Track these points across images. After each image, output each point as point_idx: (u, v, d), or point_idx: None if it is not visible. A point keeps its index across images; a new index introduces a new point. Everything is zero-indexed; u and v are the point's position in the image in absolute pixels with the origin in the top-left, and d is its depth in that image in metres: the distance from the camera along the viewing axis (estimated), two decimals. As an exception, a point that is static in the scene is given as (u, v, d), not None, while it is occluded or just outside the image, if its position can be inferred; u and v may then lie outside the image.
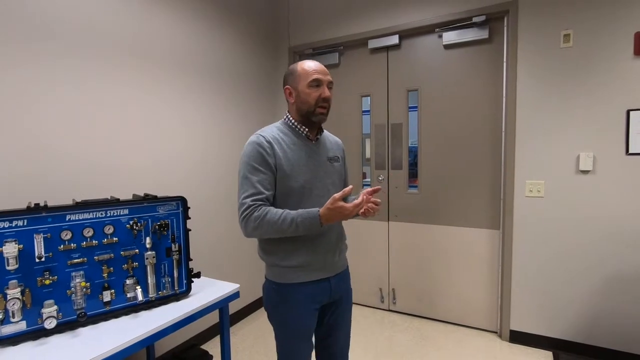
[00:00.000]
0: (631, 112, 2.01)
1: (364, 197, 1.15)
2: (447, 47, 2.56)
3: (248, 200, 1.15)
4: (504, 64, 2.35)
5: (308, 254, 1.23)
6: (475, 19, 2.37)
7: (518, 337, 2.38)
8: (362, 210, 1.19)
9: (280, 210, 1.14)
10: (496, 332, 2.53)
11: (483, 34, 2.40)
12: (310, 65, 1.24)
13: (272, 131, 1.26)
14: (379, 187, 1.25)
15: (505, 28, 2.34)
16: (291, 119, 1.29)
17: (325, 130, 1.39)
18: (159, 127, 2.13)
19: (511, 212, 2.34)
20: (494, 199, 2.48)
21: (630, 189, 2.05)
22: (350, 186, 1.14)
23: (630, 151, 2.03)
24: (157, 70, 2.10)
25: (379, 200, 1.24)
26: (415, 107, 2.73)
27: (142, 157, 2.03)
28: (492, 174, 2.48)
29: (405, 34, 2.68)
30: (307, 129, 1.28)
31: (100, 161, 1.82)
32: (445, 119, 2.62)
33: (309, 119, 1.26)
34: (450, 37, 2.51)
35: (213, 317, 2.39)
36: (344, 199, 1.12)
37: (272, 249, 1.25)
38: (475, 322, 2.62)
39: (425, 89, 2.67)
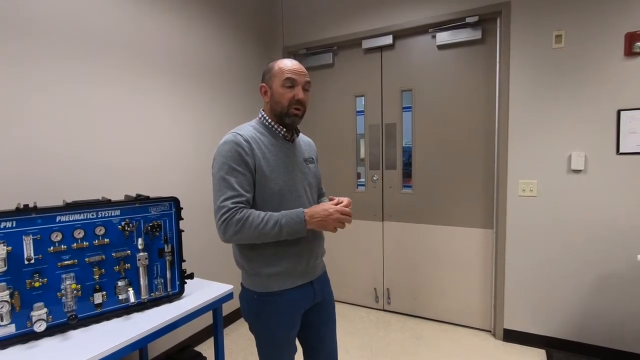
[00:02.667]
0: (622, 112, 2.04)
1: (346, 202, 1.17)
2: (441, 47, 2.57)
3: (228, 202, 1.08)
4: (497, 64, 2.37)
5: (292, 259, 1.19)
6: (468, 20, 2.38)
7: (511, 336, 2.40)
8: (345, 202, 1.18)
9: (262, 213, 1.09)
10: (490, 331, 2.54)
11: (476, 34, 2.42)
12: (286, 63, 1.18)
13: (249, 130, 1.19)
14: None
15: (497, 29, 2.36)
16: (267, 118, 1.24)
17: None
18: (152, 127, 2.11)
19: (504, 211, 2.36)
20: (488, 198, 2.50)
21: (620, 188, 2.07)
22: (348, 199, 1.18)
23: (620, 151, 2.06)
24: (149, 70, 2.08)
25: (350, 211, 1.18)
26: (409, 107, 2.74)
27: (134, 157, 2.01)
28: (486, 173, 2.50)
29: (399, 34, 2.68)
30: (284, 130, 1.23)
31: (91, 161, 1.80)
32: (439, 119, 2.63)
33: (283, 120, 1.21)
34: (443, 37, 2.52)
35: (207, 319, 2.37)
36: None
37: (254, 255, 1.18)
38: (469, 321, 2.63)
39: (419, 89, 2.68)
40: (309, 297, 1.26)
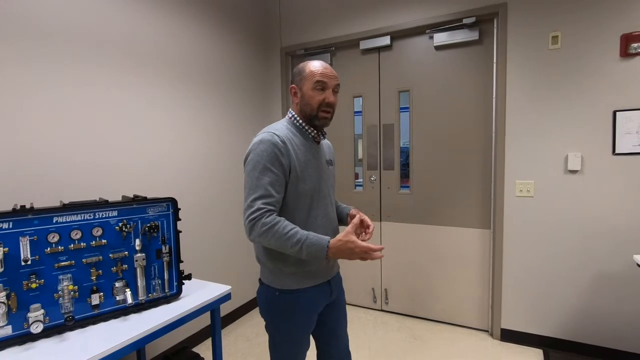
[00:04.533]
0: (617, 113, 2.05)
1: (376, 253, 1.06)
2: (438, 48, 2.58)
3: (258, 202, 1.08)
4: (494, 65, 2.38)
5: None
6: (465, 21, 2.39)
7: (509, 336, 2.41)
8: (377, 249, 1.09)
9: (290, 226, 1.08)
10: (487, 331, 2.55)
11: (473, 35, 2.42)
12: (317, 66, 1.20)
13: (284, 130, 1.20)
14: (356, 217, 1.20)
15: (495, 29, 2.37)
16: (298, 119, 1.24)
17: None
18: (149, 127, 2.11)
19: (502, 211, 2.37)
20: (485, 198, 2.51)
21: (616, 188, 2.09)
22: (357, 219, 1.15)
23: (616, 151, 2.07)
24: (145, 69, 2.08)
25: (371, 226, 1.24)
26: (407, 107, 2.74)
27: (131, 157, 2.00)
28: (483, 174, 2.51)
29: (397, 35, 2.69)
30: (314, 131, 1.25)
31: (88, 162, 1.79)
32: (436, 119, 2.63)
33: (312, 122, 1.22)
34: (441, 38, 2.53)
35: (205, 319, 2.37)
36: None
37: (278, 253, 1.17)
38: (466, 321, 2.64)
39: (416, 89, 2.69)
40: (327, 295, 1.29)
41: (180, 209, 1.51)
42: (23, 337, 1.15)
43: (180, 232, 1.51)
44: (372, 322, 2.76)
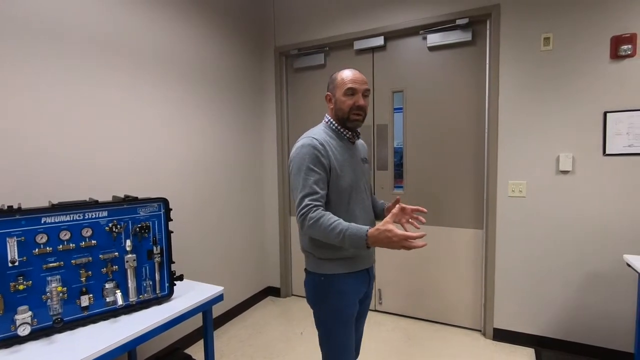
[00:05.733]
0: (608, 114, 2.07)
1: (417, 241, 1.10)
2: (432, 49, 2.59)
3: (306, 200, 1.21)
4: (487, 65, 2.39)
5: None
6: (458, 22, 2.40)
7: (501, 335, 2.42)
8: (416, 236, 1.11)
9: (333, 218, 1.18)
10: (480, 331, 2.56)
11: (466, 36, 2.44)
12: (347, 74, 1.34)
13: (321, 134, 1.33)
14: (397, 198, 1.36)
15: (487, 31, 2.38)
16: (334, 122, 1.38)
17: None
18: (141, 127, 2.08)
19: (494, 212, 2.38)
20: (478, 199, 2.52)
21: (607, 188, 2.11)
22: (398, 207, 1.24)
23: (607, 152, 2.09)
24: (136, 68, 2.06)
25: (424, 210, 1.37)
26: (401, 108, 2.75)
27: (124, 157, 1.98)
28: (476, 174, 2.52)
29: (391, 36, 2.69)
30: (349, 132, 1.38)
31: (79, 162, 1.77)
32: (430, 120, 2.64)
33: (345, 124, 1.36)
34: (434, 39, 2.54)
35: (197, 321, 2.35)
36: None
37: (324, 244, 1.28)
38: (459, 320, 2.65)
39: (410, 90, 2.69)
40: (366, 282, 1.41)
41: (171, 209, 1.50)
42: (10, 340, 1.13)
43: (172, 232, 1.50)
44: (366, 322, 2.75)
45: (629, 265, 1.78)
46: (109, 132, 1.91)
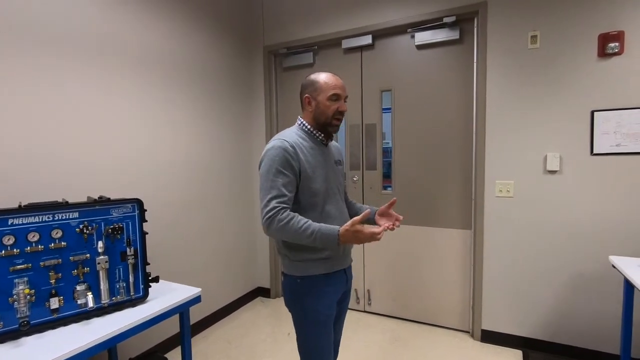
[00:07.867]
0: (595, 113, 2.04)
1: (384, 228, 1.19)
2: (420, 47, 2.56)
3: (273, 202, 1.20)
4: (474, 64, 2.37)
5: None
6: (445, 20, 2.38)
7: (489, 337, 2.40)
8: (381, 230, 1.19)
9: (303, 220, 1.19)
10: (468, 332, 2.54)
11: (454, 34, 2.41)
12: (332, 79, 1.35)
13: (293, 136, 1.33)
14: (394, 199, 1.40)
15: (475, 29, 2.36)
16: (307, 124, 1.38)
17: None
18: (119, 125, 2.04)
19: (482, 212, 2.36)
20: (466, 199, 2.49)
21: (594, 188, 2.08)
22: (368, 210, 1.24)
23: (594, 151, 2.06)
24: (122, 69, 2.03)
25: (401, 217, 1.37)
26: (389, 108, 2.73)
27: (106, 157, 1.96)
28: (464, 174, 2.49)
29: (379, 34, 2.67)
30: (322, 134, 1.38)
31: (56, 162, 1.74)
32: (418, 119, 2.62)
33: (325, 129, 1.36)
34: (422, 37, 2.51)
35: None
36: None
37: (298, 246, 1.28)
38: (448, 322, 2.62)
39: (398, 89, 2.67)
40: (343, 283, 1.41)
41: (146, 210, 1.48)
42: (-25, 343, 1.12)
43: (147, 233, 1.48)
44: (355, 323, 2.74)
45: (614, 267, 1.76)
46: (90, 131, 1.89)
